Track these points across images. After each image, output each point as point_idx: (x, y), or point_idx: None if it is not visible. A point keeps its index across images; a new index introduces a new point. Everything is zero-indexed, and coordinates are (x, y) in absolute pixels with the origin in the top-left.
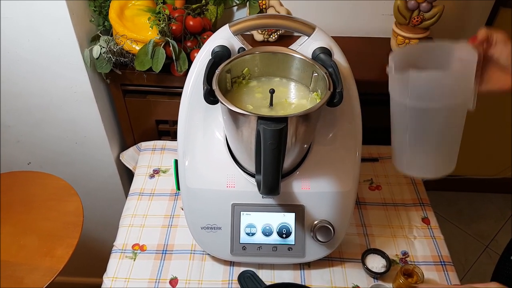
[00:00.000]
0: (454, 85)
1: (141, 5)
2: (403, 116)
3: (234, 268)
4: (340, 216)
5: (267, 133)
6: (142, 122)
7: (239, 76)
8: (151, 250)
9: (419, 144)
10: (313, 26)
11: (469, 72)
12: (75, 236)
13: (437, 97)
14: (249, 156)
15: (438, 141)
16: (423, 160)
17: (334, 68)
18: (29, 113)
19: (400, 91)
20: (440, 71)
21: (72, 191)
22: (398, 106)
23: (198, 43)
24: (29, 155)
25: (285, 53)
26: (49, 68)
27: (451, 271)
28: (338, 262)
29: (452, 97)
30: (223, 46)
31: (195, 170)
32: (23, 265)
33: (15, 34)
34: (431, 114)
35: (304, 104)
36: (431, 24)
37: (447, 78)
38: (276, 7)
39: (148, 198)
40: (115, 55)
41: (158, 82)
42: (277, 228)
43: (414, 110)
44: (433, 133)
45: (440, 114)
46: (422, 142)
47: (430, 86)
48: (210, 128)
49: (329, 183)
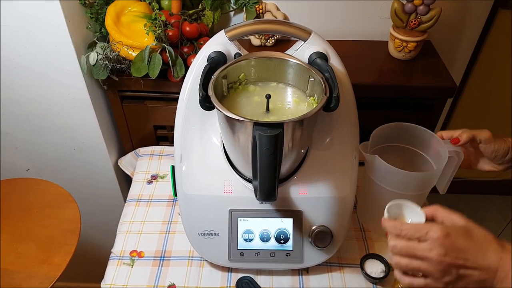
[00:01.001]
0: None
1: (138, 11)
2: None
3: (232, 274)
4: (338, 221)
5: (263, 139)
6: (140, 128)
7: (235, 81)
8: (149, 257)
9: None
10: (309, 31)
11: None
12: (73, 243)
13: None
14: (246, 162)
15: None
16: None
17: (330, 73)
18: (27, 120)
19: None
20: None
21: (69, 198)
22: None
23: (194, 48)
24: (28, 161)
25: (281, 58)
26: (46, 75)
27: None
28: (337, 268)
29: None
30: (219, 51)
31: (192, 176)
32: (21, 273)
33: (12, 42)
34: None
35: (301, 109)
36: (429, 27)
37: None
38: (273, 12)
39: (146, 204)
40: (111, 62)
41: (155, 88)
42: (275, 234)
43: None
44: None
45: None
46: None
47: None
48: (207, 133)
49: (327, 188)
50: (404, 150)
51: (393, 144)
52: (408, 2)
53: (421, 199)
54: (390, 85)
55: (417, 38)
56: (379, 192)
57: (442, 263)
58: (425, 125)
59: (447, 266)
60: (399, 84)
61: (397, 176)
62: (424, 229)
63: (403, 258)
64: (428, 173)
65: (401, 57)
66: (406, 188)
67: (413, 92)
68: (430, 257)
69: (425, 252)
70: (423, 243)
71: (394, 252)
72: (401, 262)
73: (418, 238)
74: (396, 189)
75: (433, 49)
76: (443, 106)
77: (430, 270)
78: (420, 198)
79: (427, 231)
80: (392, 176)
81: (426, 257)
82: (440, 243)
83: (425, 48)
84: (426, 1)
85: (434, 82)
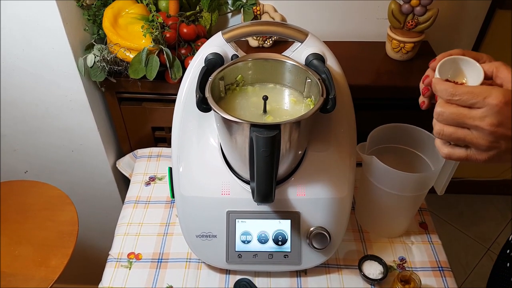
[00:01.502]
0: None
1: (135, 13)
2: None
3: (230, 276)
4: (336, 223)
5: (260, 140)
6: (138, 129)
7: (232, 83)
8: (147, 259)
9: None
10: (305, 32)
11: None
12: (70, 245)
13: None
14: (243, 163)
15: None
16: None
17: (327, 74)
18: (24, 122)
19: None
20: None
21: (67, 200)
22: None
23: (192, 50)
24: (26, 163)
25: (278, 60)
26: (44, 77)
27: (449, 276)
28: (335, 269)
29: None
30: (216, 53)
31: (190, 178)
32: (18, 275)
33: (9, 44)
34: None
35: (298, 110)
36: (426, 27)
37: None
38: (271, 13)
39: (144, 206)
40: (109, 64)
41: (153, 90)
42: (273, 235)
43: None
44: None
45: None
46: None
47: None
48: (205, 135)
49: (325, 189)
50: (402, 151)
51: (390, 145)
52: (405, 3)
53: (419, 200)
54: (387, 86)
55: (414, 39)
56: (377, 193)
57: (493, 133)
58: (423, 126)
59: (498, 137)
60: (396, 85)
61: (395, 177)
62: (482, 94)
63: (448, 127)
64: (425, 173)
65: (398, 58)
66: (404, 189)
67: (411, 93)
68: (481, 127)
69: (476, 120)
70: (477, 110)
71: (439, 119)
72: (446, 130)
73: (472, 104)
74: (393, 190)
75: (431, 50)
76: None
77: (477, 141)
78: (418, 199)
79: (485, 96)
80: (389, 177)
81: (477, 127)
82: (498, 111)
83: (423, 48)
84: (423, 2)
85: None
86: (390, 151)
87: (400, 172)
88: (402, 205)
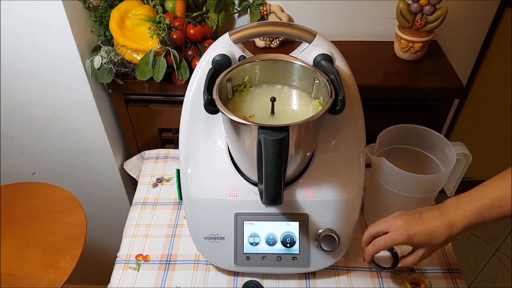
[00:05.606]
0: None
1: (141, 14)
2: None
3: (238, 278)
4: (345, 225)
5: (268, 142)
6: (145, 131)
7: (240, 84)
8: (155, 261)
9: None
10: (313, 32)
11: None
12: (79, 247)
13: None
14: (251, 165)
15: None
16: None
17: (335, 75)
18: (32, 124)
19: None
20: None
21: (75, 202)
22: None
23: (199, 51)
24: (34, 165)
25: (286, 61)
26: (51, 79)
27: (459, 278)
28: (344, 271)
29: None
30: (224, 54)
31: (197, 180)
32: (27, 278)
33: (16, 46)
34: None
35: (306, 111)
36: (435, 27)
37: None
38: (278, 13)
39: (152, 208)
40: (116, 65)
41: (160, 91)
42: (281, 238)
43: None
44: None
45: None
46: None
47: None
48: (212, 137)
49: (333, 191)
50: (411, 152)
51: (400, 146)
52: (414, 2)
53: (429, 202)
54: (396, 86)
55: (423, 39)
56: (387, 195)
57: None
58: (432, 127)
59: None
60: (405, 85)
61: (405, 178)
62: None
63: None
64: (436, 175)
65: (407, 57)
66: (413, 191)
67: (420, 93)
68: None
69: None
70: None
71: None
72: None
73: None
74: (403, 192)
75: (440, 49)
76: (450, 107)
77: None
78: (428, 201)
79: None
80: (399, 179)
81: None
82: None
83: (431, 48)
84: (432, 1)
85: (440, 82)
86: (400, 152)
87: (410, 173)
88: (411, 207)
